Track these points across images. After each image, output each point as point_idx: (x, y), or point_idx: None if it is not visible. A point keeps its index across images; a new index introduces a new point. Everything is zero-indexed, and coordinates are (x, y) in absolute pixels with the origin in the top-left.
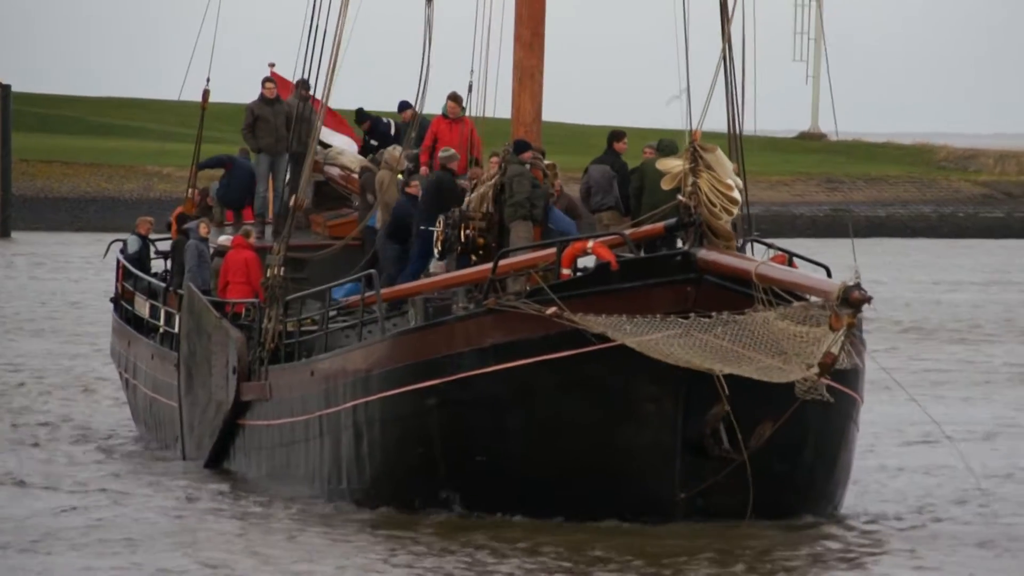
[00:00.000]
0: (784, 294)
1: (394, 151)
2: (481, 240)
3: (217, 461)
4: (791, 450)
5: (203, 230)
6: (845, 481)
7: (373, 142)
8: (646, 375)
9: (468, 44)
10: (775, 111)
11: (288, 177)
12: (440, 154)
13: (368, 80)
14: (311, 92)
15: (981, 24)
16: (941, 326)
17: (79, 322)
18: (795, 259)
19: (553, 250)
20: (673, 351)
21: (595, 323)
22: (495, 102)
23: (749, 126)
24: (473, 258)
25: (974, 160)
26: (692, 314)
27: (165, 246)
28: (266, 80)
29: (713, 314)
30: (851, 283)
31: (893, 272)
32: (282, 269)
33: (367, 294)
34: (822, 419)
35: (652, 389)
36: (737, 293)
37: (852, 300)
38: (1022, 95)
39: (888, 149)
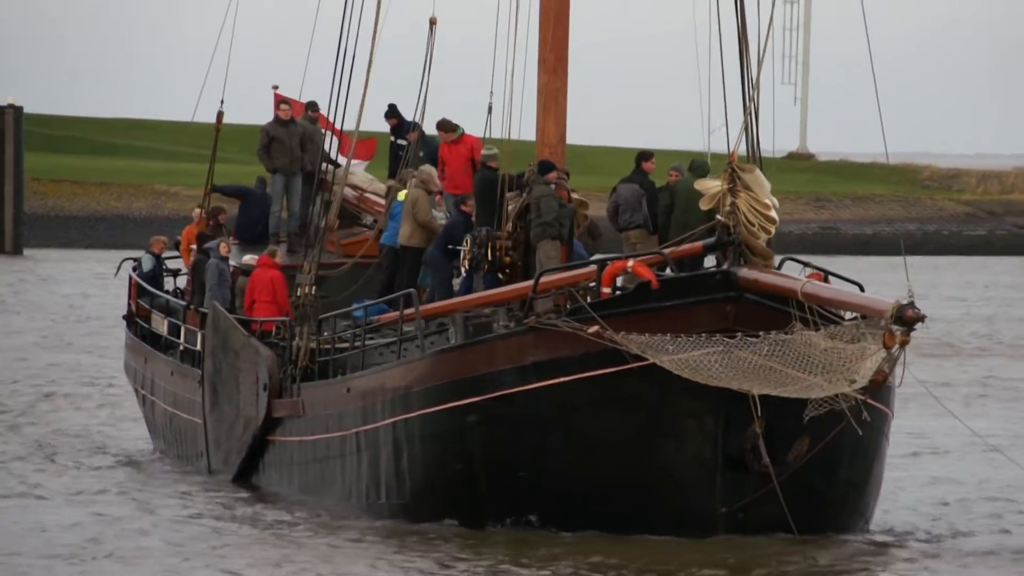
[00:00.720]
0: (824, 312)
1: (429, 169)
2: (507, 259)
3: (245, 476)
4: (828, 465)
5: (223, 249)
6: (877, 495)
7: (400, 141)
8: (686, 392)
9: (488, 67)
10: (764, 132)
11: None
12: (483, 152)
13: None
14: (319, 112)
15: (966, 49)
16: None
17: (92, 337)
18: (830, 277)
19: (592, 268)
20: (712, 371)
21: (636, 343)
22: (520, 124)
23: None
24: (500, 276)
25: (957, 179)
26: (739, 333)
27: (174, 264)
28: (281, 102)
29: (761, 334)
30: (905, 301)
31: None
32: (313, 288)
33: (406, 311)
34: (857, 435)
35: (692, 405)
36: (776, 311)
37: (906, 319)
38: (1004, 118)
39: (874, 168)
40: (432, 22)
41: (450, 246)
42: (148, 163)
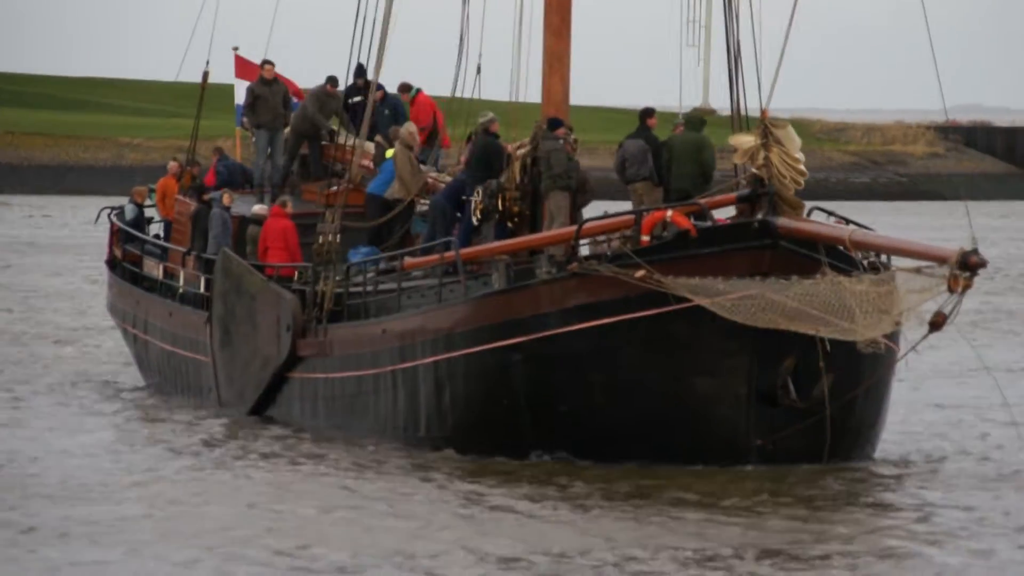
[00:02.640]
0: (852, 259)
1: (409, 127)
2: (516, 208)
3: (260, 410)
4: (849, 399)
5: (226, 199)
6: (883, 425)
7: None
8: (721, 332)
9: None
10: (672, 91)
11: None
12: (480, 119)
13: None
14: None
15: (857, 11)
16: None
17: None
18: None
19: (631, 218)
20: (755, 313)
21: (685, 285)
22: (527, 86)
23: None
24: (509, 224)
25: (844, 132)
26: (772, 276)
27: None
28: (265, 62)
29: (794, 277)
30: (968, 248)
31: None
32: (338, 236)
33: (446, 253)
34: (872, 370)
35: (727, 345)
36: (807, 257)
37: (971, 264)
38: (889, 76)
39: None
40: None
41: (464, 197)
42: (113, 117)
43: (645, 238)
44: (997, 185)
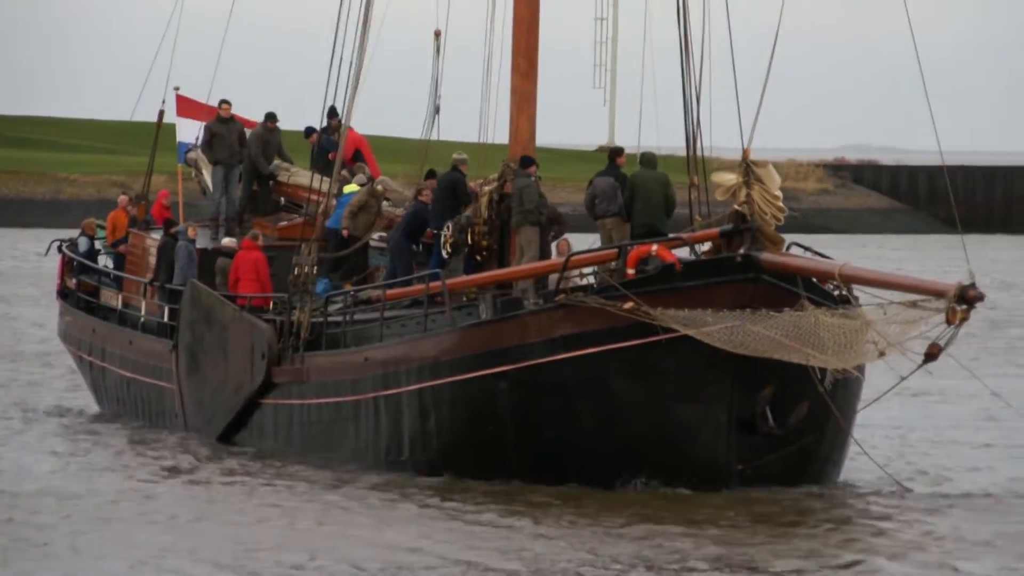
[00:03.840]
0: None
1: (385, 183)
2: (484, 243)
3: (230, 434)
4: (820, 426)
5: (191, 232)
6: (847, 451)
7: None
8: (703, 362)
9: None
10: (579, 128)
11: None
12: (454, 156)
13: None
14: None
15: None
16: None
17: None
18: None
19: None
20: (748, 342)
21: (673, 317)
22: (494, 127)
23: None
24: (478, 258)
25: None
26: (763, 309)
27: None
28: (222, 102)
29: (785, 309)
30: (966, 282)
31: None
32: (314, 268)
33: (432, 283)
34: (841, 399)
35: (709, 374)
36: (787, 291)
37: (969, 298)
38: (784, 117)
39: (671, 161)
40: (436, 34)
41: (434, 230)
42: (51, 154)
43: (631, 271)
44: (882, 219)
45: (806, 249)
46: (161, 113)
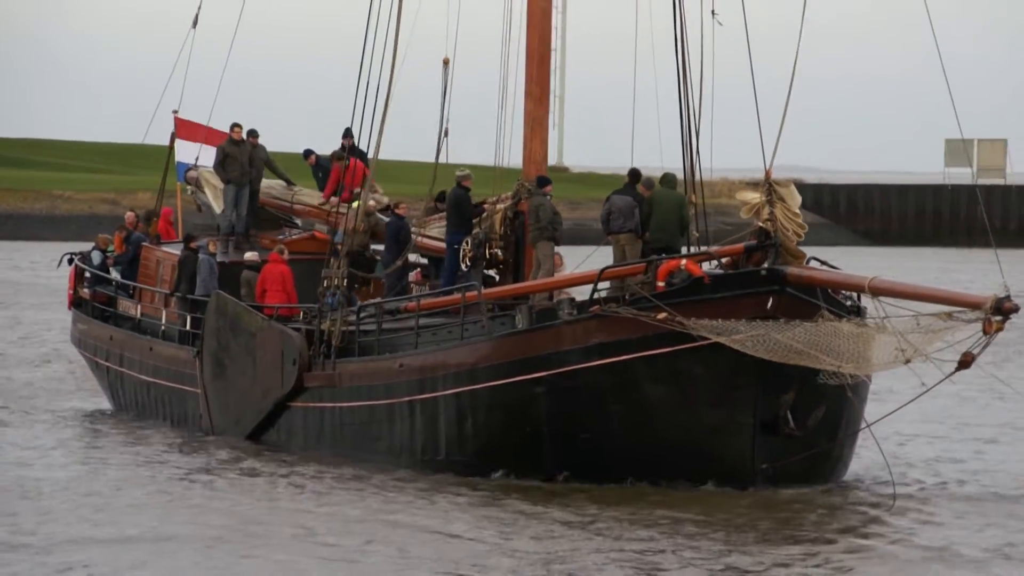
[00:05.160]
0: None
1: (378, 199)
2: (500, 256)
3: (258, 435)
4: (834, 427)
5: (212, 247)
6: (853, 451)
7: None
8: (728, 368)
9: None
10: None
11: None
12: (457, 173)
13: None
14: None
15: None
16: None
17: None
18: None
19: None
20: (776, 348)
21: (706, 327)
22: (509, 150)
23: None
24: (494, 271)
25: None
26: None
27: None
28: (234, 125)
29: (798, 320)
30: (1002, 294)
31: None
32: (345, 280)
33: (468, 294)
34: (851, 402)
35: (735, 379)
36: (808, 303)
37: (1005, 309)
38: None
39: (614, 180)
40: (445, 62)
41: (453, 245)
42: (47, 173)
43: (660, 284)
44: (808, 232)
45: (823, 263)
46: (173, 136)
